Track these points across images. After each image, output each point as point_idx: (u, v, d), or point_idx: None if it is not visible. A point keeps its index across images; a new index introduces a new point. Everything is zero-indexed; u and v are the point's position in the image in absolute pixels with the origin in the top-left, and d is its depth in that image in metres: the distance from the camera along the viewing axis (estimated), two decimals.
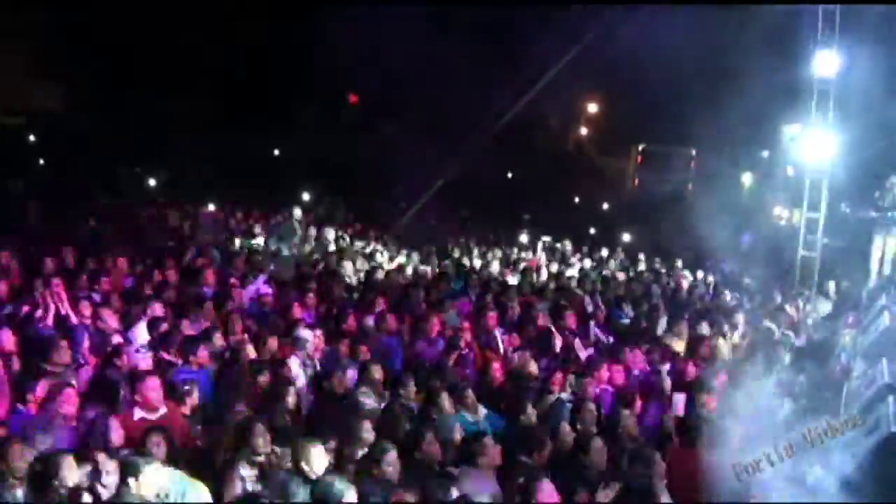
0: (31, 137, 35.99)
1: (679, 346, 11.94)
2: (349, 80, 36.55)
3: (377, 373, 9.23)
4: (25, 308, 10.57)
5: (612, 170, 39.08)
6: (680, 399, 9.83)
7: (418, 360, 10.55)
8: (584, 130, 42.41)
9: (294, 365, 9.52)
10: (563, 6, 24.11)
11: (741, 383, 9.42)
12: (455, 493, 6.65)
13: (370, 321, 11.64)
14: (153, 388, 7.64)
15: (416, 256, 18.67)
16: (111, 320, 10.27)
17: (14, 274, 12.65)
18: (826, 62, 17.63)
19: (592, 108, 41.09)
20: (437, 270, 17.14)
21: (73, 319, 10.06)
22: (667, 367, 10.73)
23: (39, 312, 10.23)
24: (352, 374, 9.49)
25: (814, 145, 18.03)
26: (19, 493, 6.10)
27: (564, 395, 9.30)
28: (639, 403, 9.46)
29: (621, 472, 7.31)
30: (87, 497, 6.06)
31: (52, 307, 10.28)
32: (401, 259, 18.41)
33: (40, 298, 10.42)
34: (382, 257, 18.55)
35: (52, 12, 30.79)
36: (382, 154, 29.29)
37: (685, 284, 18.07)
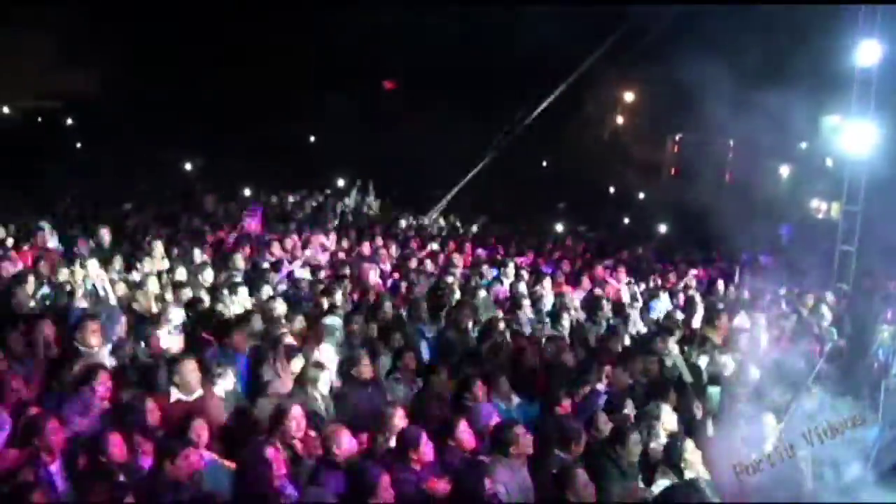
0: (69, 121, 36.37)
1: (717, 338, 11.81)
2: (384, 67, 36.60)
3: (410, 360, 9.23)
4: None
5: (648, 160, 38.76)
6: (715, 392, 9.76)
7: (450, 348, 10.52)
8: (619, 119, 42.12)
9: (327, 351, 9.54)
10: None
11: (779, 378, 9.33)
12: (487, 482, 6.63)
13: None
14: (191, 369, 7.68)
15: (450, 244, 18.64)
16: (146, 302, 10.35)
17: (54, 256, 12.80)
18: (867, 52, 17.33)
19: (629, 96, 40.79)
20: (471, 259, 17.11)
21: (112, 300, 10.14)
22: (704, 359, 10.65)
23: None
24: (384, 361, 9.52)
25: (854, 136, 17.74)
26: (53, 468, 6.15)
27: (600, 386, 9.23)
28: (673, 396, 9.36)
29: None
30: (121, 476, 6.11)
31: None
32: (433, 246, 18.39)
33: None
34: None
35: None
36: (417, 141, 29.33)
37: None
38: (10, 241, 13.61)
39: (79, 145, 33.93)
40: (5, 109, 36.99)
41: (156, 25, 31.50)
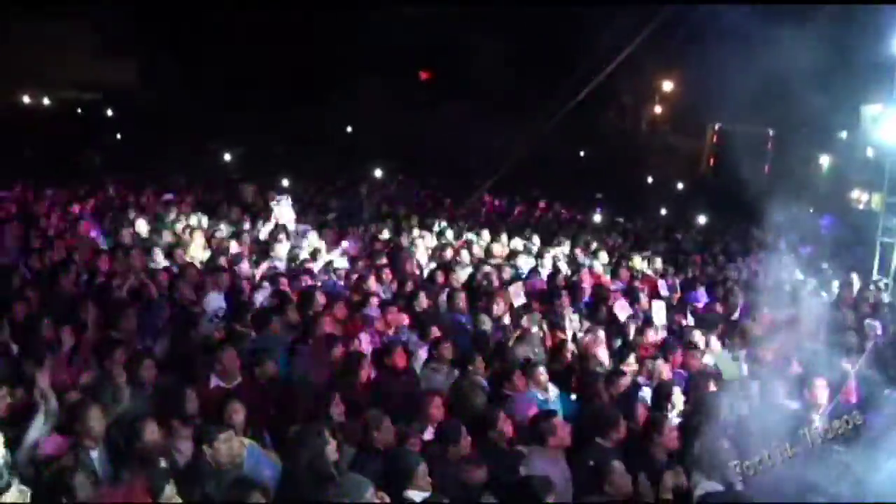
0: (108, 112, 36.71)
1: (757, 331, 11.70)
2: (421, 56, 36.59)
3: (447, 351, 9.24)
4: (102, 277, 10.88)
5: (687, 150, 38.46)
6: (754, 385, 9.66)
7: (484, 338, 10.50)
8: (658, 109, 41.81)
9: (365, 340, 9.60)
10: None
11: (818, 372, 9.21)
12: (524, 472, 6.64)
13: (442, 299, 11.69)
14: (230, 357, 7.76)
15: (486, 234, 18.58)
16: (187, 291, 10.45)
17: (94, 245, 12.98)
18: None
19: (667, 86, 40.44)
20: (507, 249, 17.04)
21: (152, 289, 10.25)
22: (744, 352, 10.56)
23: (116, 282, 10.48)
24: (420, 351, 9.54)
25: (895, 126, 17.43)
26: (94, 454, 6.23)
27: (641, 379, 9.19)
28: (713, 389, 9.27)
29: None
30: (162, 462, 6.17)
31: (130, 277, 10.55)
32: (470, 236, 18.36)
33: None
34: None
35: None
36: (454, 131, 29.29)
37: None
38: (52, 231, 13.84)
39: (118, 136, 34.26)
40: (45, 100, 37.40)
41: (194, 17, 31.72)
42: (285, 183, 23.18)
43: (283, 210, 16.80)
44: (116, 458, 6.27)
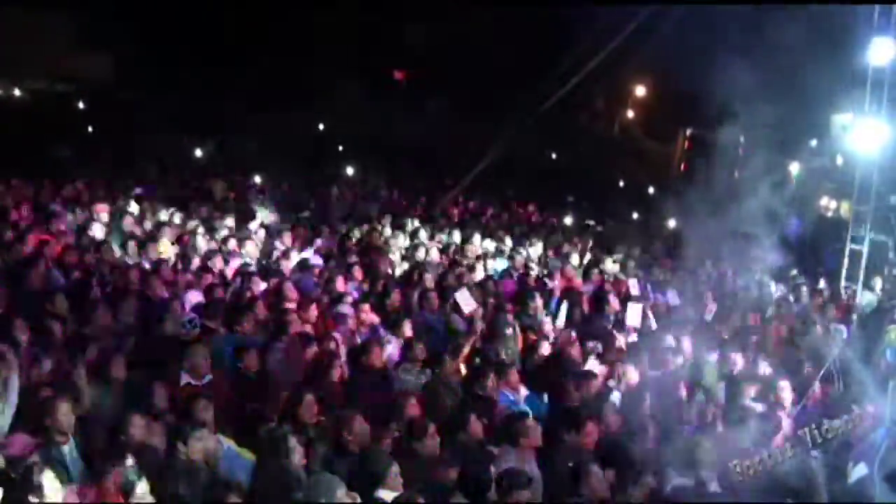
0: (80, 105, 36.35)
1: (726, 334, 11.81)
2: (395, 56, 36.57)
3: (420, 352, 9.25)
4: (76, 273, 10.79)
5: (658, 154, 38.67)
6: (723, 388, 9.75)
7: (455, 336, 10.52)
8: (630, 113, 42.06)
9: (339, 340, 9.58)
10: None
11: (788, 375, 9.33)
12: (495, 472, 6.66)
13: (414, 299, 11.69)
14: (201, 354, 7.73)
15: (457, 235, 18.58)
16: (159, 288, 10.39)
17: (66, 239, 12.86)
18: (881, 50, 17.17)
19: (640, 90, 40.71)
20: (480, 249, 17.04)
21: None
22: (714, 355, 10.65)
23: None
24: (393, 350, 9.55)
25: (865, 135, 17.61)
26: (65, 448, 6.20)
27: (612, 382, 9.24)
28: (683, 392, 9.36)
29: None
30: (130, 459, 6.14)
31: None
32: (443, 237, 18.35)
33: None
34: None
35: None
36: (428, 132, 29.27)
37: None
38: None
39: (90, 129, 33.93)
40: (17, 91, 36.99)
41: (170, 11, 31.51)
42: (257, 180, 23.10)
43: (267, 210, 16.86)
44: (90, 453, 6.24)
